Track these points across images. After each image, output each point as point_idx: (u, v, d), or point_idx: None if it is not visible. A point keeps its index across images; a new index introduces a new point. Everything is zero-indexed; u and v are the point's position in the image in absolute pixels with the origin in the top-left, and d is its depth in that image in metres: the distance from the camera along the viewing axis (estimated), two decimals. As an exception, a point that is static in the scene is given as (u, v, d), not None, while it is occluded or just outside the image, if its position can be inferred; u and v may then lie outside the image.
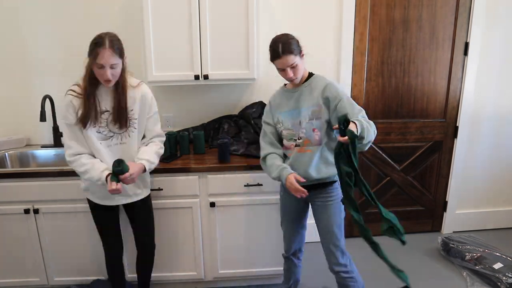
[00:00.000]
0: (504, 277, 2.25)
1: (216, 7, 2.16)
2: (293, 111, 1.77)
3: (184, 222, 2.19)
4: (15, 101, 2.53)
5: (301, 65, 1.71)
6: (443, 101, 2.79)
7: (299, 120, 1.74)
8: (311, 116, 1.72)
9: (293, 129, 1.77)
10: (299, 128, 1.75)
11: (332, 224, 1.83)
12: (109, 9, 2.43)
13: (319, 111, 1.70)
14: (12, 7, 2.39)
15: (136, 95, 1.75)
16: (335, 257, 1.85)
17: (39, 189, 2.08)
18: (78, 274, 2.26)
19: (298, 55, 1.68)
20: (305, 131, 1.74)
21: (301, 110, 1.75)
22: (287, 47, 1.65)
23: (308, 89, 1.76)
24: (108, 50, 1.56)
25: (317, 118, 1.71)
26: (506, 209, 3.08)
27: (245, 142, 2.41)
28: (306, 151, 1.75)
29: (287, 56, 1.65)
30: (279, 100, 1.85)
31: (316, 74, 1.81)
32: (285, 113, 1.80)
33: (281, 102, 1.83)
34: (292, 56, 1.65)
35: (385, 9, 2.58)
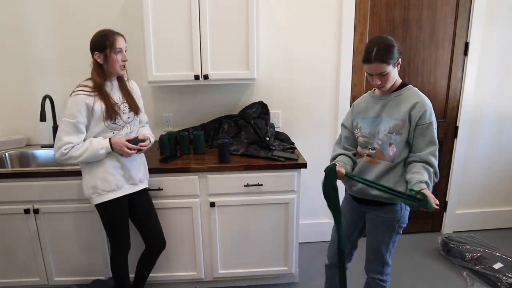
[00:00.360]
0: (504, 277, 2.25)
1: (216, 7, 2.16)
2: (374, 118, 1.64)
3: (184, 222, 2.19)
4: (15, 101, 2.53)
5: (392, 74, 1.56)
6: (443, 101, 2.79)
7: (378, 130, 1.62)
8: (391, 130, 1.58)
9: (370, 138, 1.65)
10: (376, 138, 1.62)
11: (380, 242, 1.70)
12: (110, 9, 2.43)
13: (401, 127, 1.56)
14: (12, 7, 2.39)
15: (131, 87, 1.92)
16: (376, 265, 1.75)
17: (39, 189, 2.08)
18: (78, 274, 2.26)
19: (392, 64, 1.53)
20: (381, 142, 1.61)
21: (382, 120, 1.61)
22: (382, 55, 1.50)
23: (397, 100, 1.60)
24: (121, 36, 1.76)
25: (397, 133, 1.58)
26: (506, 209, 3.08)
27: (245, 142, 2.41)
28: (376, 163, 1.63)
29: (379, 64, 1.51)
30: (363, 105, 1.71)
31: (410, 86, 1.64)
32: (365, 120, 1.67)
33: (364, 108, 1.70)
34: (384, 65, 1.51)
35: (385, 9, 2.58)
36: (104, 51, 1.71)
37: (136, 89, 1.96)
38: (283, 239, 2.27)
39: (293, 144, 2.47)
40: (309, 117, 2.71)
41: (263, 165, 2.12)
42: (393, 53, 1.53)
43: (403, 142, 1.58)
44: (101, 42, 1.71)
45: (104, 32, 1.73)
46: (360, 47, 2.62)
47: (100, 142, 1.74)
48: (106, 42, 1.70)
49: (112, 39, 1.71)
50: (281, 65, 2.61)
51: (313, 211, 2.90)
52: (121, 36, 1.76)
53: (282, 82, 2.63)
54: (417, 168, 1.53)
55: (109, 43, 1.70)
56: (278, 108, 2.68)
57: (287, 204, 2.20)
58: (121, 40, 1.74)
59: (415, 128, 1.55)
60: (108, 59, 1.72)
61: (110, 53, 1.71)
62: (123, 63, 1.77)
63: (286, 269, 2.33)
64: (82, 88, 1.73)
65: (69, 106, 1.70)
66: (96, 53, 1.72)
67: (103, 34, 1.72)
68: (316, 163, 2.79)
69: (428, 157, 1.53)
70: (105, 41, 1.70)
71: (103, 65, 1.74)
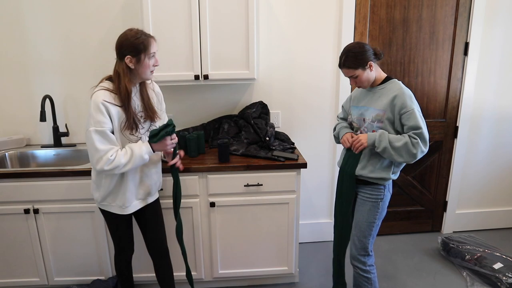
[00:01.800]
0: (504, 277, 2.25)
1: (216, 7, 2.16)
2: (362, 107, 1.88)
3: (184, 222, 2.19)
4: (15, 101, 2.53)
5: (364, 76, 1.78)
6: (443, 101, 2.79)
7: (364, 118, 1.85)
8: (374, 119, 1.81)
9: (357, 123, 1.89)
10: (362, 124, 1.86)
11: (364, 220, 1.87)
12: (110, 9, 2.43)
13: (382, 116, 1.78)
14: (12, 7, 2.39)
15: (153, 93, 1.83)
16: (356, 250, 1.92)
17: (39, 189, 2.08)
18: (78, 274, 2.26)
19: (360, 68, 1.75)
20: (366, 130, 1.84)
21: (368, 109, 1.85)
22: (349, 62, 1.74)
23: (380, 93, 1.82)
24: (154, 39, 1.66)
25: (378, 122, 1.79)
26: (506, 209, 3.08)
27: (245, 142, 2.41)
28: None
29: (347, 70, 1.77)
30: (359, 95, 1.94)
31: (393, 79, 1.83)
32: (356, 108, 1.91)
33: (358, 97, 1.93)
34: (351, 70, 1.76)
35: (385, 9, 2.58)
36: (138, 56, 1.60)
37: (158, 91, 1.87)
38: (283, 239, 2.27)
39: (293, 144, 2.47)
40: (309, 117, 2.71)
41: (263, 165, 2.12)
42: (361, 59, 1.74)
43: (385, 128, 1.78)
44: (135, 46, 1.58)
45: (137, 35, 1.59)
46: (360, 47, 2.62)
47: (141, 147, 1.63)
48: (140, 45, 1.58)
49: (146, 42, 1.60)
50: (281, 65, 2.61)
51: (313, 211, 2.90)
52: (153, 39, 1.64)
53: (282, 82, 2.63)
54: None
55: (144, 47, 1.59)
56: (278, 108, 2.68)
57: (287, 204, 2.20)
58: (154, 43, 1.64)
59: (400, 118, 1.74)
60: (141, 64, 1.61)
61: (144, 58, 1.61)
62: (153, 68, 1.67)
63: (286, 269, 2.33)
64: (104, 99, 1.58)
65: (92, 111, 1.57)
66: (129, 57, 1.59)
67: (137, 37, 1.59)
68: (316, 163, 2.79)
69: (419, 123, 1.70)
70: (140, 44, 1.58)
71: (133, 69, 1.63)
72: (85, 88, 2.50)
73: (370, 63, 1.75)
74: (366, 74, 1.77)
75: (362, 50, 1.75)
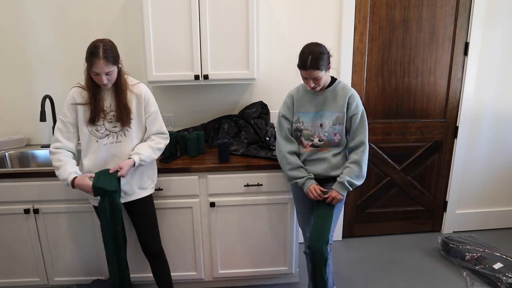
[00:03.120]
0: (504, 277, 2.25)
1: (216, 7, 2.16)
2: (315, 113, 1.87)
3: (184, 222, 2.19)
4: (15, 101, 2.53)
5: (324, 77, 1.79)
6: (443, 101, 2.79)
7: (320, 123, 1.86)
8: (335, 122, 1.84)
9: (312, 130, 1.88)
10: (319, 131, 1.87)
11: (331, 212, 1.89)
12: (110, 9, 2.43)
13: (342, 117, 1.83)
14: (13, 7, 2.39)
15: (132, 94, 1.80)
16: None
17: (39, 189, 2.08)
18: (78, 274, 2.26)
19: (324, 69, 1.75)
20: (327, 134, 1.86)
21: (324, 114, 1.86)
22: (316, 63, 1.72)
23: (333, 94, 1.85)
24: (102, 60, 1.62)
25: (340, 124, 1.84)
26: (506, 209, 3.08)
27: (245, 142, 2.41)
28: (325, 150, 1.89)
29: (313, 71, 1.74)
30: (302, 99, 1.91)
31: (339, 80, 1.89)
32: (307, 114, 1.89)
33: (304, 102, 1.91)
34: (318, 71, 1.74)
35: (385, 9, 2.58)
36: (87, 65, 1.67)
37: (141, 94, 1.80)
38: (283, 239, 2.27)
39: (293, 144, 2.47)
40: (309, 117, 2.71)
41: (263, 165, 2.12)
42: (325, 60, 1.75)
43: (344, 129, 1.87)
44: (86, 56, 1.65)
45: (90, 49, 1.64)
46: (360, 47, 2.62)
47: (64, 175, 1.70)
48: (88, 60, 1.64)
49: (91, 61, 1.63)
50: (281, 65, 2.61)
51: (313, 211, 2.90)
52: (100, 61, 1.61)
53: (282, 82, 2.63)
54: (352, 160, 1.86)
55: (89, 64, 1.65)
56: (278, 108, 2.67)
57: (287, 204, 2.20)
58: (100, 65, 1.62)
59: (352, 117, 1.83)
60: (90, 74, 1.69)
61: (89, 70, 1.67)
62: (102, 83, 1.68)
63: (286, 269, 2.33)
64: (75, 86, 1.78)
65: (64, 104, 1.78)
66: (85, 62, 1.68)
67: (89, 50, 1.64)
68: (316, 163, 2.79)
69: (364, 139, 1.84)
70: (88, 58, 1.64)
71: None
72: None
73: (330, 65, 1.78)
74: (325, 76, 1.79)
75: (325, 51, 1.77)
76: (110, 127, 1.78)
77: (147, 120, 1.84)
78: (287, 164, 1.92)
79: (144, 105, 1.82)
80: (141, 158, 1.77)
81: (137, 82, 1.84)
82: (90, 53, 1.63)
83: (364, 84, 2.70)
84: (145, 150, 1.80)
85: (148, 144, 1.83)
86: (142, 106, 1.81)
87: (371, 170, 2.86)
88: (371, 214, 2.96)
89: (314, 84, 1.79)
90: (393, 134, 2.81)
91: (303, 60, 1.75)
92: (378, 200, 2.94)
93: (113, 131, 1.79)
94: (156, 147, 1.85)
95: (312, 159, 1.92)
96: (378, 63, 2.67)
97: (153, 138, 1.86)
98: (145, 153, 1.79)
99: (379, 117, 2.77)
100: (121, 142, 1.80)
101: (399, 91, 2.74)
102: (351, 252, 2.79)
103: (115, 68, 1.69)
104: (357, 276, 2.50)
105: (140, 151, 1.79)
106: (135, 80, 1.85)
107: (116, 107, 1.76)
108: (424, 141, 2.85)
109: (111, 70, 1.67)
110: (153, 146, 1.83)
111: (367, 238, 2.98)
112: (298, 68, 1.80)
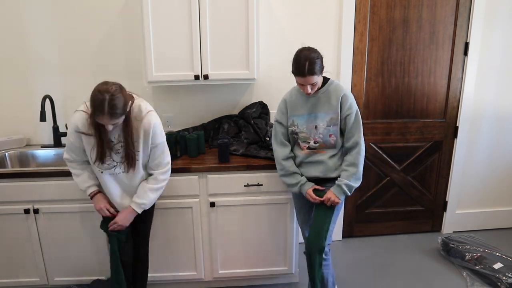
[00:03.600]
0: (504, 277, 2.25)
1: (216, 7, 2.16)
2: (309, 115, 1.87)
3: (184, 222, 2.19)
4: (15, 101, 2.53)
5: (319, 81, 1.80)
6: (443, 101, 2.79)
7: (315, 124, 1.85)
8: (329, 123, 1.84)
9: (307, 133, 1.88)
10: (314, 133, 1.86)
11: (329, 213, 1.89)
12: (110, 9, 2.43)
13: (336, 118, 1.83)
14: (13, 7, 2.39)
15: (140, 128, 1.72)
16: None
17: (39, 189, 2.08)
18: (78, 274, 2.26)
19: (320, 74, 1.76)
20: (322, 136, 1.86)
21: (317, 115, 1.85)
22: (312, 69, 1.71)
23: (326, 95, 1.85)
24: (107, 116, 1.55)
25: (334, 125, 1.84)
26: (506, 209, 3.08)
27: (245, 142, 2.41)
28: (321, 152, 1.89)
29: (311, 77, 1.73)
30: (295, 102, 1.91)
31: (331, 80, 1.88)
32: (301, 117, 1.88)
33: (297, 105, 1.90)
34: (315, 76, 1.74)
35: (385, 9, 2.58)
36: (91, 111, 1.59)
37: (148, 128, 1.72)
38: (283, 239, 2.27)
39: (293, 144, 2.47)
40: (309, 117, 2.71)
41: (263, 165, 2.12)
42: (320, 65, 1.75)
43: (338, 130, 1.86)
44: (91, 105, 1.56)
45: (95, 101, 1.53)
46: (360, 47, 2.62)
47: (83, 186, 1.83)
48: (93, 113, 1.56)
49: (95, 116, 1.56)
50: (281, 65, 2.61)
51: (313, 211, 2.90)
52: (108, 116, 1.54)
53: (282, 82, 2.62)
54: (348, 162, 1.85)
55: (93, 113, 1.57)
56: (278, 108, 2.68)
57: (287, 204, 2.20)
58: (105, 120, 1.56)
59: (346, 117, 1.82)
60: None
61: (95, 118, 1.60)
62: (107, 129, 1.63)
63: (286, 268, 2.33)
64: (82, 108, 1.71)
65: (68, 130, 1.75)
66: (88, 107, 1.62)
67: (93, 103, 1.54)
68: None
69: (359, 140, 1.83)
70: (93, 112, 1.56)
71: None
72: (85, 88, 2.47)
73: (323, 68, 1.78)
74: (319, 80, 1.80)
75: (319, 55, 1.75)
76: (118, 158, 1.75)
77: (152, 150, 1.80)
78: (280, 170, 1.97)
79: (152, 136, 1.76)
80: (144, 207, 1.85)
81: (147, 112, 1.73)
82: (95, 107, 1.53)
83: (364, 84, 2.70)
84: (144, 196, 1.82)
85: (148, 188, 1.83)
86: (149, 138, 1.75)
87: (371, 170, 2.86)
88: (371, 214, 2.96)
89: (311, 90, 1.79)
90: (393, 134, 2.81)
91: (300, 67, 1.72)
92: (378, 200, 2.94)
93: (120, 162, 1.76)
94: (156, 188, 1.84)
95: (309, 161, 1.92)
96: (378, 63, 2.67)
97: (154, 176, 1.84)
98: (146, 201, 1.83)
99: (379, 117, 2.77)
100: (120, 173, 1.80)
101: (399, 91, 2.74)
102: (351, 252, 2.79)
103: (122, 118, 1.62)
104: (357, 276, 2.50)
105: (140, 201, 1.82)
106: (146, 109, 1.75)
107: (125, 140, 1.70)
108: (424, 141, 2.85)
109: (117, 121, 1.61)
110: (153, 187, 1.83)
111: (367, 238, 2.98)
112: (293, 74, 1.78)
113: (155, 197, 1.86)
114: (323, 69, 1.78)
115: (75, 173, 1.84)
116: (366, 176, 2.87)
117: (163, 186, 1.87)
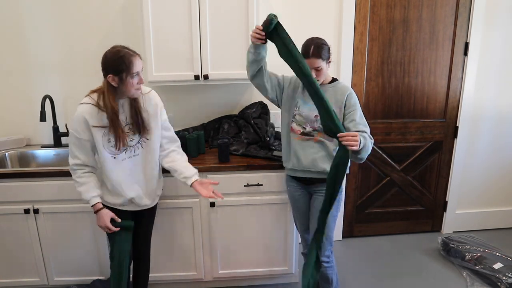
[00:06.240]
0: (504, 277, 2.25)
1: (216, 7, 2.16)
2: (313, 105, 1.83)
3: (184, 222, 2.19)
4: (15, 101, 2.53)
5: (325, 70, 1.83)
6: (443, 101, 2.79)
7: (316, 114, 1.84)
8: None
9: (305, 119, 1.88)
10: (313, 121, 1.87)
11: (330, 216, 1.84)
12: (109, 9, 2.43)
13: (339, 113, 1.84)
14: (12, 7, 2.39)
15: (147, 103, 1.74)
16: (325, 248, 1.92)
17: (39, 189, 2.08)
18: (78, 274, 2.26)
19: (325, 60, 1.81)
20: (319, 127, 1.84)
21: None
22: (318, 51, 1.77)
23: (333, 90, 1.88)
24: (138, 57, 1.61)
25: None
26: (506, 209, 3.08)
27: (245, 142, 2.41)
28: (318, 141, 1.87)
29: (316, 60, 1.78)
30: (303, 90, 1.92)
31: (340, 81, 1.93)
32: (306, 104, 1.90)
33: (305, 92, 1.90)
34: (319, 60, 1.78)
35: (385, 9, 2.58)
36: (120, 75, 1.56)
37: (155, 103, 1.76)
38: (283, 239, 2.27)
39: (293, 144, 2.47)
40: (309, 117, 2.71)
41: (263, 165, 2.13)
42: (326, 51, 1.80)
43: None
44: (117, 65, 1.55)
45: (120, 53, 1.56)
46: (360, 47, 2.62)
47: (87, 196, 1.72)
48: (122, 65, 1.55)
49: (128, 62, 1.55)
50: (281, 65, 2.59)
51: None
52: (138, 56, 1.60)
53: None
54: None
55: (126, 67, 1.55)
56: (278, 108, 2.67)
57: (287, 204, 2.20)
58: (138, 62, 1.59)
59: (348, 114, 1.84)
60: (123, 83, 1.58)
61: (127, 77, 1.57)
62: (138, 86, 1.63)
63: (286, 268, 2.33)
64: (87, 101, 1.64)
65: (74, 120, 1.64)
66: (110, 75, 1.57)
67: (118, 56, 1.55)
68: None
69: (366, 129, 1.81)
70: (121, 64, 1.55)
71: (117, 87, 1.61)
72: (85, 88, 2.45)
73: (330, 59, 1.83)
74: (325, 69, 1.83)
75: (325, 43, 1.81)
76: (128, 141, 1.71)
77: (162, 127, 1.82)
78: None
79: (159, 114, 1.78)
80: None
81: (149, 90, 1.79)
82: (124, 54, 1.56)
83: (364, 84, 2.70)
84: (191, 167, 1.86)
85: (185, 159, 1.89)
86: (158, 115, 1.77)
87: (371, 170, 2.86)
88: (371, 214, 2.96)
89: (315, 75, 1.79)
90: (393, 134, 2.81)
91: (306, 48, 1.79)
92: (378, 200, 2.94)
93: (130, 145, 1.73)
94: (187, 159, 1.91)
95: (303, 146, 1.90)
96: (378, 63, 2.67)
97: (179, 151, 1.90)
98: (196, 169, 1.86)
99: (379, 117, 2.77)
100: (138, 155, 1.76)
101: (399, 91, 2.74)
102: (351, 252, 2.79)
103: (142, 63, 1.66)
104: (357, 276, 2.50)
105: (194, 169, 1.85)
106: (147, 88, 1.79)
107: (133, 119, 1.70)
108: (424, 141, 2.85)
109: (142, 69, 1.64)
110: (186, 160, 1.90)
111: (367, 238, 2.98)
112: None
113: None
114: (329, 58, 1.82)
115: (81, 181, 1.72)
116: (366, 176, 2.87)
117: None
